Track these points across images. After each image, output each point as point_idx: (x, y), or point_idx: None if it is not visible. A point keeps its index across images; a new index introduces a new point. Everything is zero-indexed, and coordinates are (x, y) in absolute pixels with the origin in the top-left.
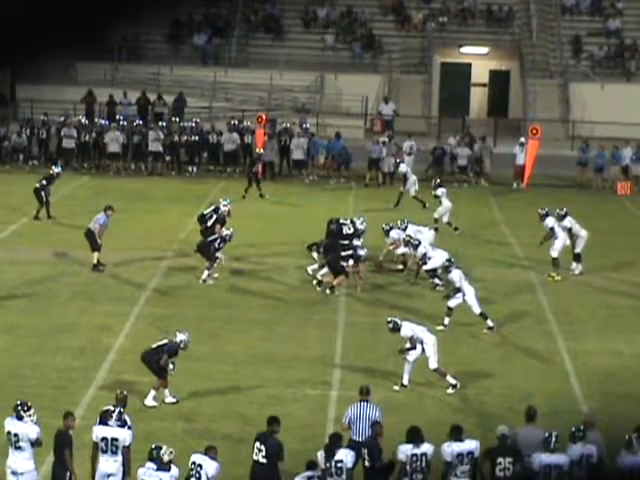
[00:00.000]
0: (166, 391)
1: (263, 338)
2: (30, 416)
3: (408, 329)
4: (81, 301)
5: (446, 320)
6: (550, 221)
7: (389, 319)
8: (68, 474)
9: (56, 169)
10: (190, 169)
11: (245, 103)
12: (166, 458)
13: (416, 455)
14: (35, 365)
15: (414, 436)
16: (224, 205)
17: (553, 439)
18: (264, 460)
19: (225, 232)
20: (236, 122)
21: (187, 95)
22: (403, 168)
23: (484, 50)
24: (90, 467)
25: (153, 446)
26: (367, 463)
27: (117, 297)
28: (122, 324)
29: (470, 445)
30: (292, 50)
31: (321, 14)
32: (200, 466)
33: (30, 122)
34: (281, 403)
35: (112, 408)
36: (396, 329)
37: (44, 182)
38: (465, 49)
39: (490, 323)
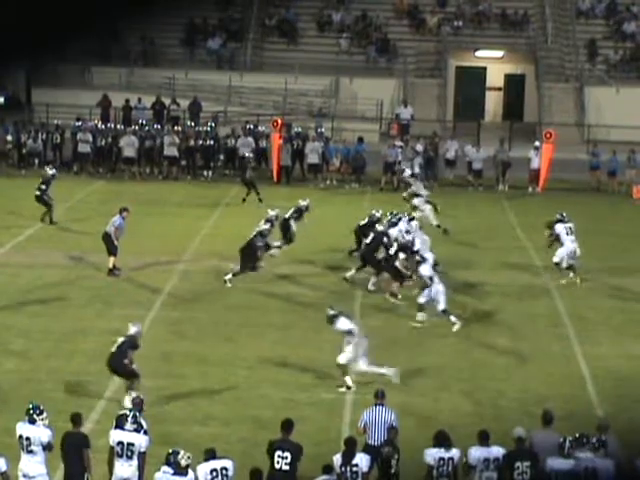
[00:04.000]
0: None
1: (278, 342)
2: (42, 420)
3: (345, 323)
4: (97, 305)
5: (419, 316)
6: (559, 227)
7: (329, 311)
8: (87, 476)
9: (50, 171)
10: (205, 174)
11: (260, 107)
12: (183, 463)
13: (443, 459)
14: (50, 369)
15: (443, 440)
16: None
17: (567, 444)
18: (287, 467)
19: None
20: (251, 126)
21: (202, 99)
22: (407, 173)
23: (499, 54)
24: (105, 471)
25: (170, 450)
26: (393, 469)
27: (132, 301)
28: None
29: (497, 451)
30: (307, 54)
31: (336, 18)
32: (225, 469)
33: (45, 126)
34: (296, 407)
35: (128, 412)
36: (332, 321)
37: (43, 187)
38: (480, 53)
39: (453, 319)
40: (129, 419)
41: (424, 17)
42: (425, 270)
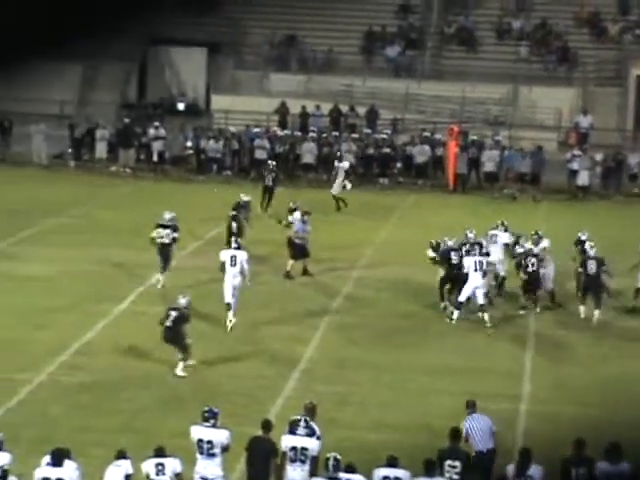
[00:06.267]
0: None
1: (451, 351)
2: (219, 421)
3: None
4: (272, 309)
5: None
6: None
7: None
8: None
9: (245, 198)
10: (381, 181)
11: (437, 115)
12: (341, 466)
13: (610, 473)
14: (227, 373)
15: (611, 453)
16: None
17: None
18: (457, 477)
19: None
20: (428, 134)
21: (379, 107)
22: (346, 165)
23: None
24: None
25: (328, 455)
26: None
27: (308, 306)
28: (312, 333)
29: (622, 467)
30: (485, 62)
31: (515, 26)
32: (398, 478)
33: (223, 132)
34: None
35: (300, 418)
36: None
37: (234, 212)
38: None
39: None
40: (301, 424)
41: (605, 25)
42: (468, 261)
